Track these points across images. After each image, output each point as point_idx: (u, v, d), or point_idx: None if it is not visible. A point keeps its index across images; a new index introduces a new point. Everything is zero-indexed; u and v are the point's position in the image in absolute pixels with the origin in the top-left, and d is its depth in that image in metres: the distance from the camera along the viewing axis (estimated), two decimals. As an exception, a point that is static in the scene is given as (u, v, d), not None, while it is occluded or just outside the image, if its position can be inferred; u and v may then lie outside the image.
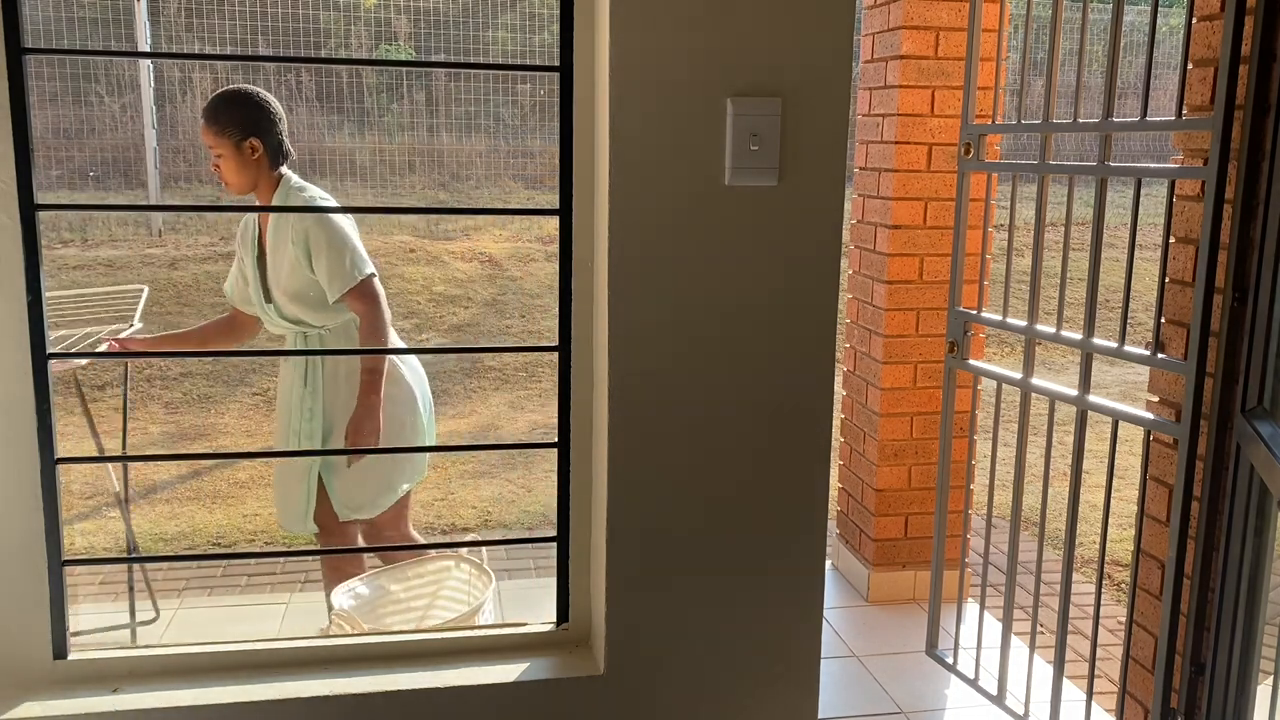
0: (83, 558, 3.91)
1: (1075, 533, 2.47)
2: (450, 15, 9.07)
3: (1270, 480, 1.77)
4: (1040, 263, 2.55)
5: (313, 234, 2.77)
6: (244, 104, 2.76)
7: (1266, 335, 1.90)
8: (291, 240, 2.77)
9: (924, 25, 3.24)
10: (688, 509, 1.64)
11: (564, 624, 1.75)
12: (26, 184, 1.49)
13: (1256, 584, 1.94)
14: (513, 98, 9.32)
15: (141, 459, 5.56)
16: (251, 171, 2.78)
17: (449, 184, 8.78)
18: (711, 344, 1.60)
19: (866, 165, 3.49)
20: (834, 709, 2.90)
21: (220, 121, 2.73)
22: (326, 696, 1.58)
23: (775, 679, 1.71)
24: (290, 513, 2.95)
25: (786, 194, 1.57)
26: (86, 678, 1.61)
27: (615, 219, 1.53)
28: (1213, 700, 2.04)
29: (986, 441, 4.97)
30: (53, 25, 8.33)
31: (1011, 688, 2.74)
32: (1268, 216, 1.89)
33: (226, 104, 2.75)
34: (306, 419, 2.87)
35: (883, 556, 3.54)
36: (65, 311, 3.35)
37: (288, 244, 2.79)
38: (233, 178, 2.77)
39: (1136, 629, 2.36)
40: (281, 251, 2.81)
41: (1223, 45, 1.97)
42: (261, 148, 2.77)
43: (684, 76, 1.51)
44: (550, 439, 1.73)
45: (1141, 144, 10.22)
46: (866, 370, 3.54)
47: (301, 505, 2.92)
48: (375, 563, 3.04)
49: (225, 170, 2.77)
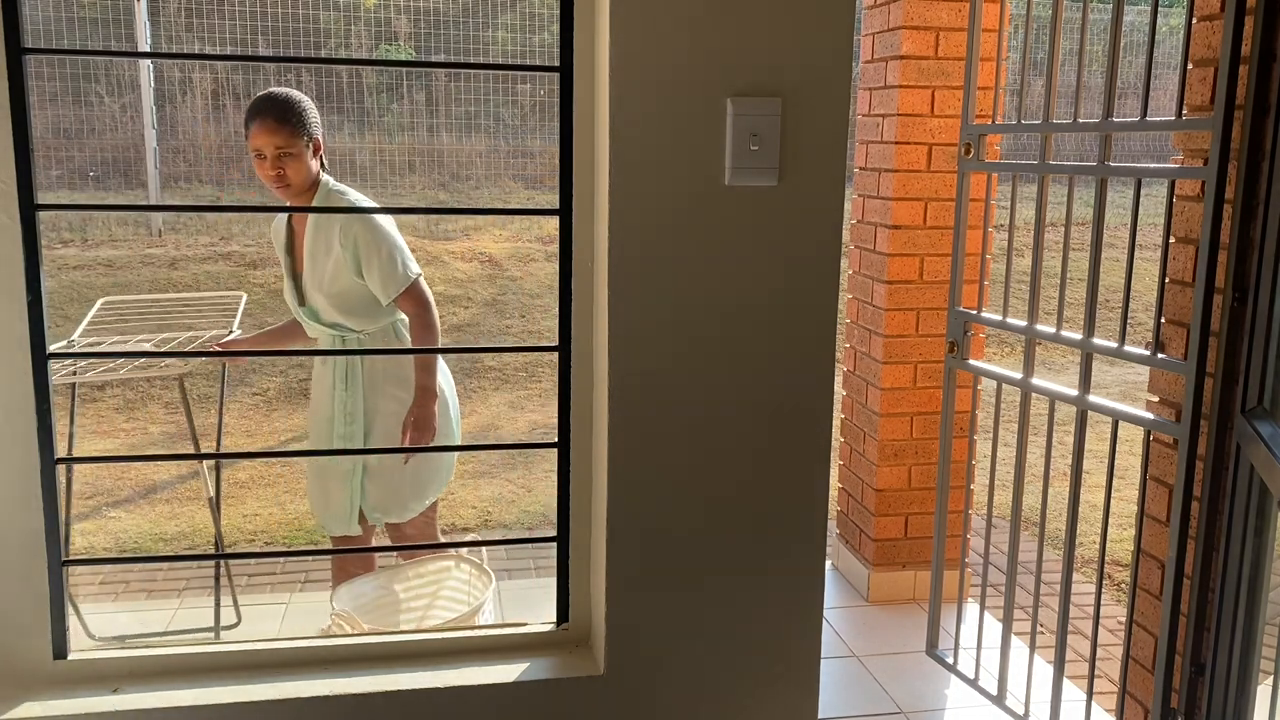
0: (83, 558, 3.91)
1: (1075, 533, 2.47)
2: (450, 15, 9.08)
3: (1270, 480, 1.77)
4: (1040, 263, 2.55)
5: (362, 238, 2.72)
6: (302, 103, 2.72)
7: (1266, 335, 1.90)
8: (340, 244, 2.73)
9: (924, 25, 3.24)
10: (688, 509, 1.64)
11: (564, 624, 1.75)
12: (26, 184, 1.49)
13: (1256, 584, 1.94)
14: (513, 98, 9.32)
15: (141, 459, 5.56)
16: (311, 172, 2.75)
17: (449, 184, 8.78)
18: (711, 344, 1.60)
19: (866, 165, 3.49)
20: (834, 709, 2.90)
21: (291, 121, 2.68)
22: (326, 696, 1.58)
23: (775, 679, 1.71)
24: (334, 514, 2.94)
25: (786, 194, 1.57)
26: (86, 678, 1.61)
27: (615, 219, 1.53)
28: (1213, 700, 2.04)
29: (986, 441, 4.97)
30: (53, 25, 8.33)
31: (1011, 688, 2.74)
32: (1268, 216, 1.89)
33: (292, 102, 2.70)
34: (347, 422, 2.85)
35: (883, 556, 3.54)
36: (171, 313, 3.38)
37: (333, 248, 2.75)
38: (298, 178, 2.71)
39: (1136, 629, 2.36)
40: (324, 255, 2.77)
41: (1223, 45, 1.97)
42: (321, 147, 2.76)
43: (684, 76, 1.51)
44: (550, 439, 1.73)
45: (1141, 144, 10.22)
46: (866, 370, 3.54)
47: (346, 507, 2.91)
48: (385, 564, 3.04)
49: (292, 171, 2.70)
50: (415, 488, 2.95)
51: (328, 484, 2.94)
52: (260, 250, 7.55)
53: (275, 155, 2.67)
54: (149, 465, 5.06)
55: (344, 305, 2.80)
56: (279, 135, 2.67)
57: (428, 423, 2.79)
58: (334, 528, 2.96)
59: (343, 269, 2.75)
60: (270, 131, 2.67)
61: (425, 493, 2.97)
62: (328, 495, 2.95)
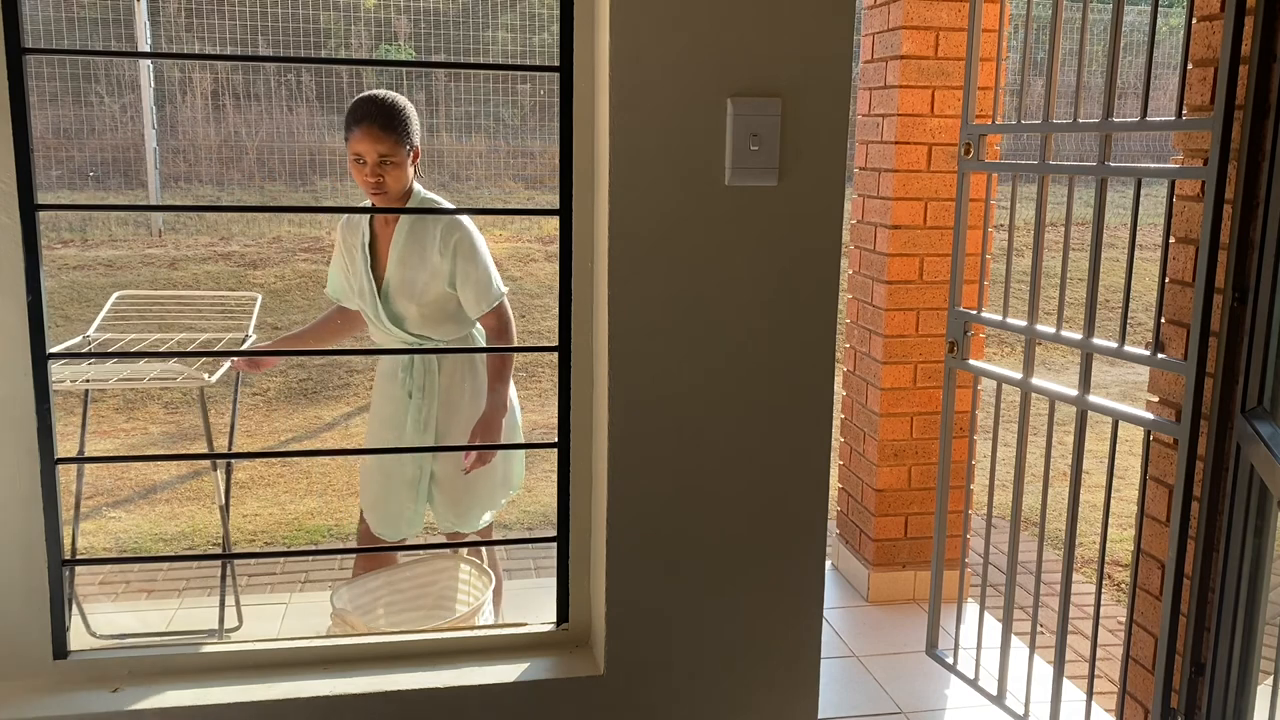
0: (83, 558, 3.91)
1: (1075, 533, 2.47)
2: (450, 15, 9.08)
3: (1270, 480, 1.77)
4: (1040, 263, 2.55)
5: (462, 249, 2.68)
6: (407, 109, 2.65)
7: (1266, 335, 1.90)
8: (439, 253, 2.69)
9: (924, 25, 3.24)
10: (688, 509, 1.64)
11: (564, 624, 1.75)
12: (26, 184, 1.49)
13: (1256, 584, 1.94)
14: (513, 98, 9.32)
15: (141, 459, 5.56)
16: (408, 179, 2.69)
17: (449, 184, 8.78)
18: (711, 344, 1.59)
19: (866, 165, 3.49)
20: (834, 709, 2.90)
21: (396, 129, 2.61)
22: (326, 696, 1.58)
23: (775, 679, 1.71)
24: (399, 521, 2.91)
25: (786, 194, 1.57)
26: (86, 677, 1.61)
27: (615, 219, 1.53)
28: (1213, 700, 2.04)
29: (986, 441, 4.97)
30: (53, 25, 8.33)
31: (1011, 688, 2.74)
32: (1268, 216, 1.89)
33: (398, 109, 2.64)
34: (420, 429, 2.82)
35: (883, 556, 3.54)
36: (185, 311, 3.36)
37: (429, 257, 2.70)
38: (396, 186, 2.66)
39: (1136, 629, 2.36)
40: (419, 264, 2.72)
41: (1223, 45, 1.97)
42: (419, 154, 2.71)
43: (684, 76, 1.51)
44: (550, 439, 1.73)
45: (1141, 144, 10.22)
46: (866, 370, 3.54)
47: (413, 513, 2.89)
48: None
49: (392, 179, 2.63)
50: (484, 497, 2.93)
51: (393, 489, 2.90)
52: (260, 250, 7.55)
53: (377, 162, 2.61)
54: (149, 465, 5.06)
55: (435, 315, 2.76)
56: (384, 143, 2.60)
57: (493, 434, 2.75)
58: (395, 534, 2.92)
59: (438, 279, 2.70)
60: (375, 139, 2.60)
61: (493, 502, 2.96)
62: (389, 500, 2.90)
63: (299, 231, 7.91)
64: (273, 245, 7.70)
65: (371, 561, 2.95)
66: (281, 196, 8.30)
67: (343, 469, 5.05)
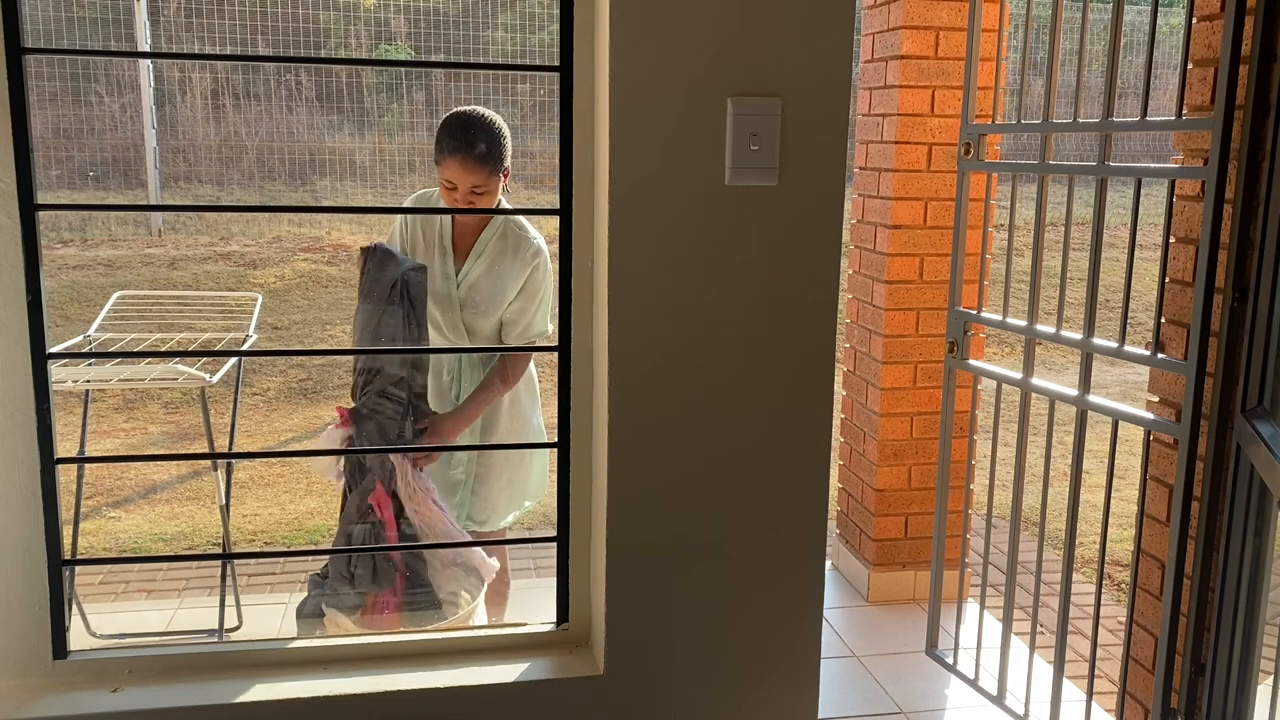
0: (83, 558, 3.91)
1: (1075, 533, 2.47)
2: (450, 15, 9.07)
3: (1270, 480, 1.77)
4: (1040, 263, 2.55)
5: (538, 273, 2.62)
6: (503, 134, 2.54)
7: (1267, 335, 1.90)
8: (519, 267, 2.64)
9: (924, 25, 3.24)
10: (688, 509, 1.64)
11: (564, 624, 1.75)
12: (26, 184, 1.49)
13: (1256, 584, 1.95)
14: (512, 98, 9.32)
15: (141, 459, 5.56)
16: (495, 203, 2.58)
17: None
18: (711, 344, 1.59)
19: (866, 165, 3.49)
20: (834, 709, 2.90)
21: (492, 160, 2.50)
22: (326, 696, 1.58)
23: (775, 679, 1.71)
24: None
25: (786, 194, 1.57)
26: (87, 677, 1.61)
27: (615, 219, 1.53)
28: (1213, 700, 2.04)
29: (986, 441, 4.97)
30: (53, 25, 8.32)
31: (1011, 688, 2.74)
32: (1268, 216, 1.89)
33: (494, 136, 2.51)
34: (465, 436, 2.79)
35: (883, 556, 3.54)
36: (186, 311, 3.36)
37: (510, 270, 2.64)
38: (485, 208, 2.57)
39: (1136, 629, 2.36)
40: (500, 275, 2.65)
41: (1223, 45, 1.97)
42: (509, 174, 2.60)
43: (684, 76, 1.51)
44: (550, 439, 1.73)
45: (1141, 144, 10.22)
46: (866, 370, 3.54)
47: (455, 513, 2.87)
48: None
49: (483, 203, 2.52)
50: (515, 497, 2.92)
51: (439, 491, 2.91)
52: (260, 250, 7.55)
53: (469, 192, 2.49)
54: (149, 465, 5.06)
55: (504, 333, 2.72)
56: (477, 175, 2.49)
57: (442, 435, 2.70)
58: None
59: (505, 294, 2.65)
60: (470, 170, 2.48)
61: (521, 503, 2.95)
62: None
63: (299, 231, 7.91)
64: (273, 245, 7.70)
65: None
66: (281, 196, 8.30)
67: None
